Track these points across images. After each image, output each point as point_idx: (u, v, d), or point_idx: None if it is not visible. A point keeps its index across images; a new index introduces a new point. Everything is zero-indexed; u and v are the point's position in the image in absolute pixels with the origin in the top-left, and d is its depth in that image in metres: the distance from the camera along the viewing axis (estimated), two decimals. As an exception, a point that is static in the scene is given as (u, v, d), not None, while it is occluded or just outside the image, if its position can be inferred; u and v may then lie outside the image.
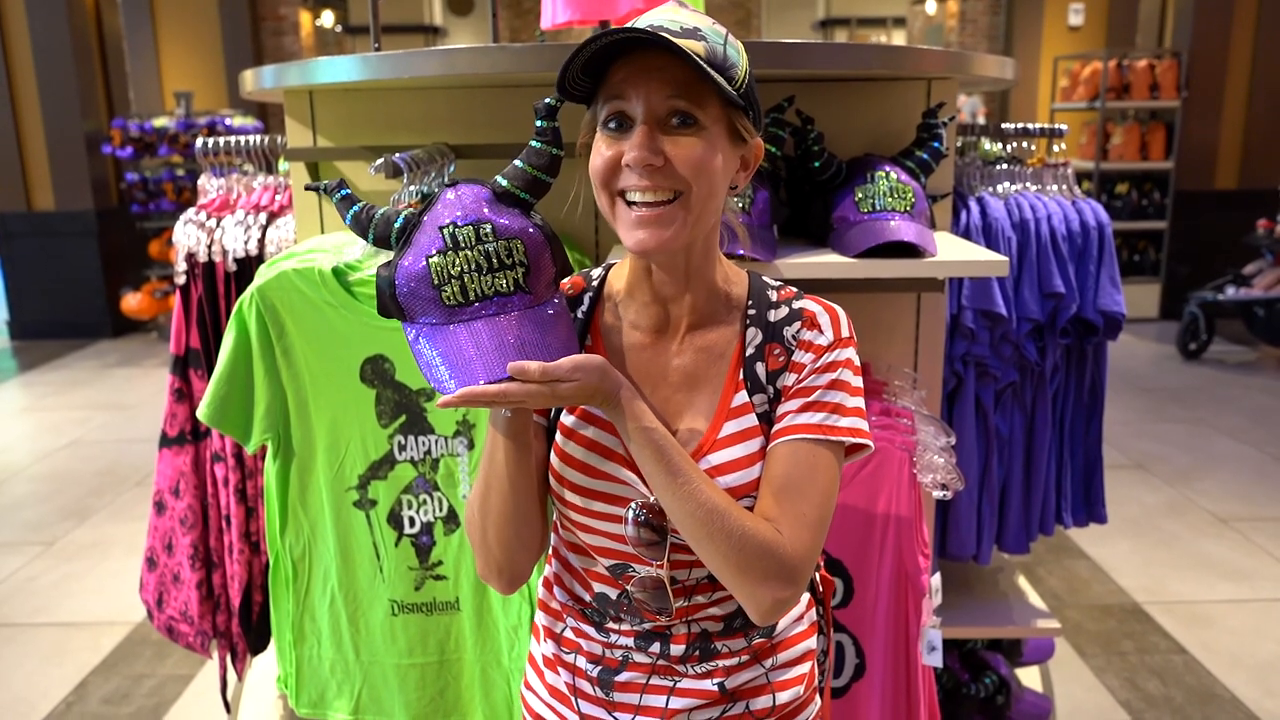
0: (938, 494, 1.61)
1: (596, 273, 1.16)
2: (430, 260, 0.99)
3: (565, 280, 1.13)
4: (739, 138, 1.04)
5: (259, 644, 2.24)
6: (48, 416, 5.58)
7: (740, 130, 1.03)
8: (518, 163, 1.04)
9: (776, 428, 1.06)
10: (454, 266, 0.99)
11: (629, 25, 0.97)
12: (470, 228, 1.00)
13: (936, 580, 1.77)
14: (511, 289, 0.99)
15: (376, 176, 1.60)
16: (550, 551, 1.20)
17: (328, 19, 11.40)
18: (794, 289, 1.14)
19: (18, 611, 3.30)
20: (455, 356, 0.97)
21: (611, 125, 1.00)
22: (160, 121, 6.94)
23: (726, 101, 1.01)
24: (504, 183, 1.03)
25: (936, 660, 1.62)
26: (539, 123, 1.03)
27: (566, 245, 1.75)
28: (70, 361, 6.82)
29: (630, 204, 1.00)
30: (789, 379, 1.07)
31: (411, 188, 1.64)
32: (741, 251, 1.57)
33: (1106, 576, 3.50)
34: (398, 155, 1.60)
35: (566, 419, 1.10)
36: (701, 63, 0.95)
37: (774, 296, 1.11)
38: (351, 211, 1.06)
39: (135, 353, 7.02)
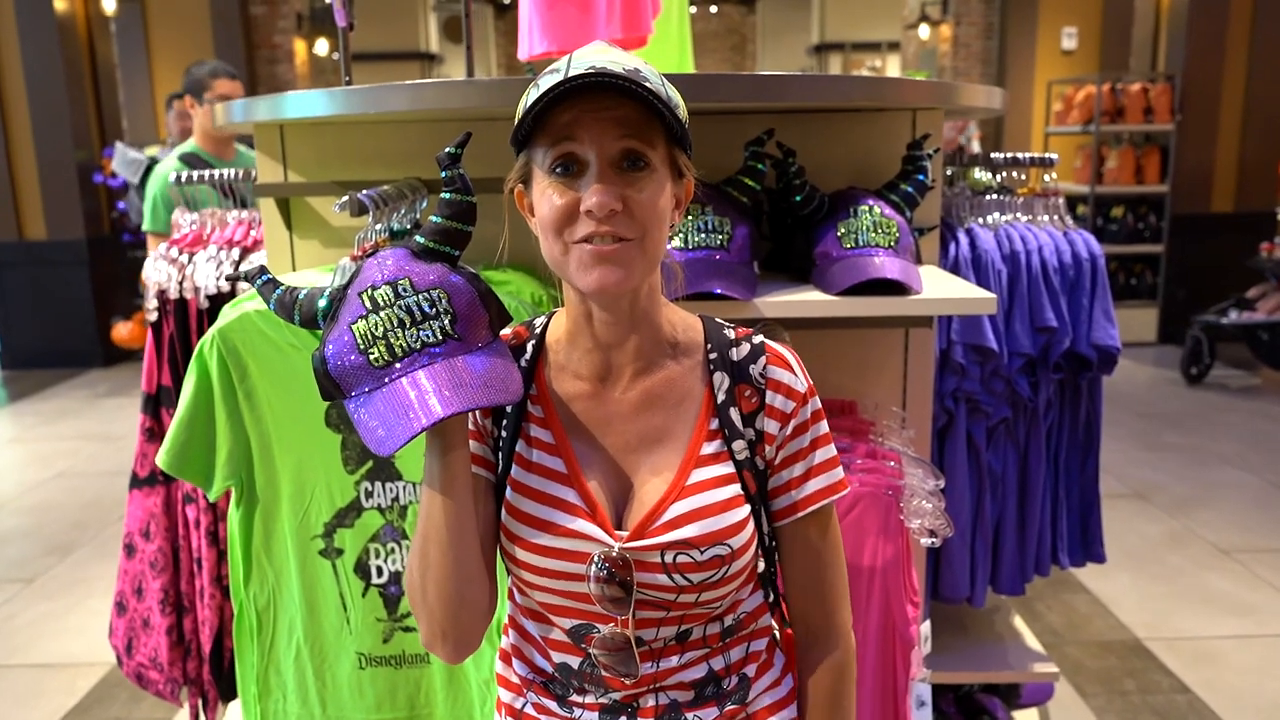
0: (926, 541, 1.55)
1: (539, 321, 1.11)
2: (353, 327, 0.95)
3: (507, 330, 1.07)
4: (678, 175, 1.02)
5: (230, 692, 2.17)
6: (36, 448, 5.52)
7: (681, 167, 1.01)
8: (433, 217, 0.99)
9: (786, 501, 1.07)
10: (377, 328, 0.94)
11: (578, 69, 0.93)
12: (388, 287, 0.95)
13: (926, 628, 1.71)
14: (440, 338, 0.95)
15: (353, 214, 1.55)
16: (506, 621, 1.14)
17: (322, 47, 11.41)
18: (748, 327, 1.10)
19: (-7, 652, 3.22)
20: (395, 407, 0.92)
21: (559, 169, 0.96)
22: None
23: (671, 140, 0.99)
24: (422, 240, 0.99)
25: (926, 716, 1.55)
26: (444, 173, 0.98)
27: (531, 276, 1.70)
28: (61, 391, 6.76)
29: (584, 243, 0.96)
30: (770, 425, 1.05)
31: (379, 225, 1.59)
32: (719, 290, 1.53)
33: (1106, 611, 3.42)
34: (364, 192, 1.55)
35: (516, 473, 1.05)
36: (660, 104, 0.93)
37: (731, 335, 1.09)
38: (275, 296, 1.02)
39: (126, 382, 6.96)
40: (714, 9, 14.98)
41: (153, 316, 2.19)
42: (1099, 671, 3.03)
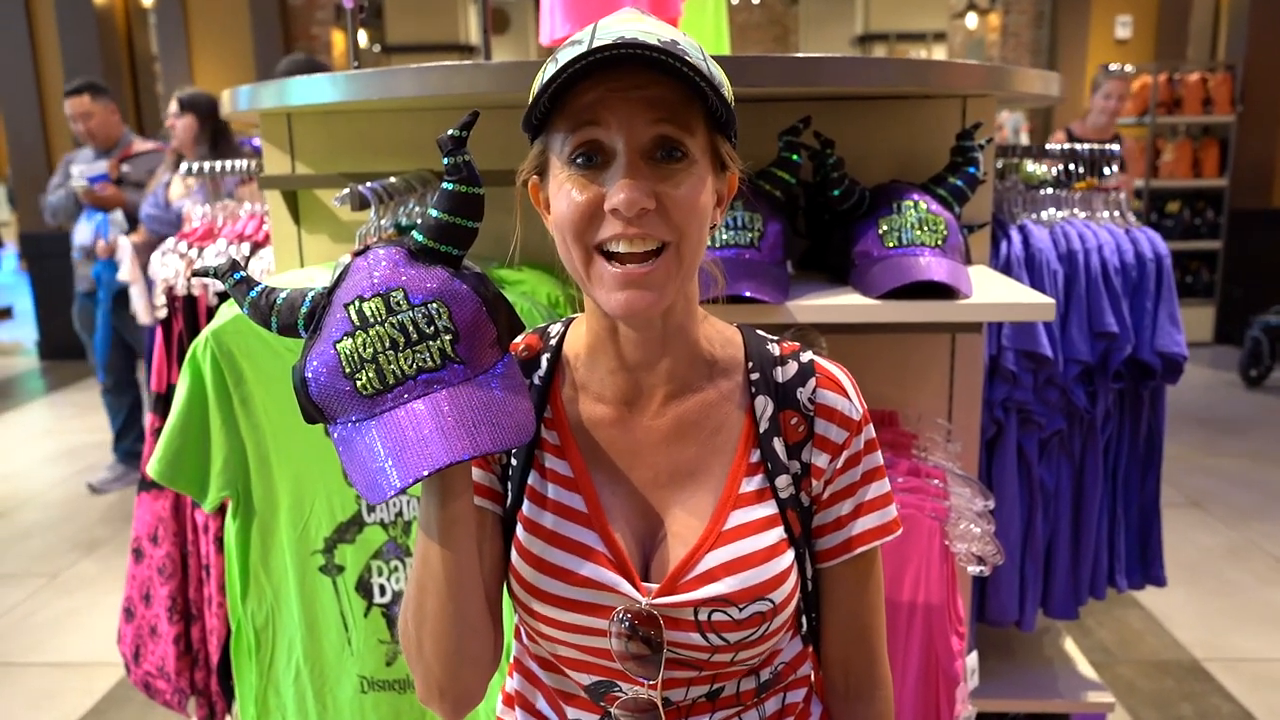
0: (973, 569, 1.41)
1: (555, 329, 0.98)
2: (339, 346, 0.81)
3: (518, 339, 0.95)
4: (721, 167, 0.87)
5: (238, 705, 2.09)
6: (68, 440, 5.53)
7: (724, 159, 0.87)
8: (432, 211, 0.85)
9: (832, 541, 0.94)
10: (365, 348, 0.81)
11: (604, 39, 0.78)
12: (378, 299, 0.81)
13: (973, 660, 1.58)
14: (439, 362, 0.81)
15: (353, 208, 1.44)
16: (511, 663, 1.02)
17: (361, 38, 11.40)
18: (795, 342, 0.96)
19: (12, 649, 3.18)
20: (387, 446, 0.79)
21: (580, 160, 0.82)
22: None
23: (713, 126, 0.84)
24: (420, 238, 0.85)
25: (971, 759, 1.42)
26: (446, 160, 0.84)
27: (548, 275, 1.58)
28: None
29: (611, 257, 0.82)
30: (819, 458, 0.91)
31: (383, 221, 1.49)
32: (748, 293, 1.40)
33: (1161, 628, 3.25)
34: (366, 185, 1.45)
35: (529, 510, 0.92)
36: (703, 81, 0.79)
37: (775, 351, 0.95)
38: (249, 299, 0.88)
39: (161, 374, 6.97)
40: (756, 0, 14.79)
41: (162, 313, 2.11)
42: (1154, 694, 2.87)
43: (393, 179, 1.53)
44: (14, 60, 7.08)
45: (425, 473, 0.76)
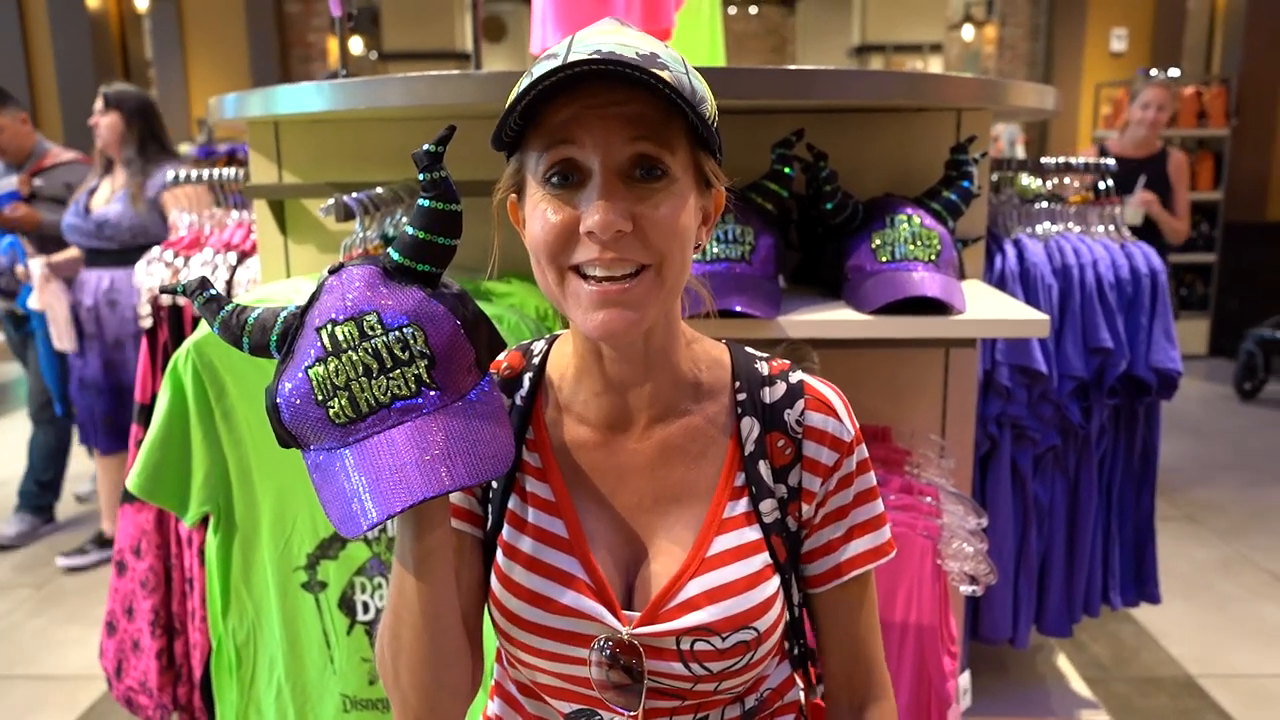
0: (966, 589, 1.39)
1: (538, 347, 0.95)
2: (311, 371, 0.78)
3: (500, 358, 0.92)
4: (705, 185, 0.84)
5: (221, 721, 2.06)
6: (58, 447, 5.47)
7: (708, 176, 0.84)
8: (407, 228, 0.82)
9: (823, 566, 0.92)
10: (338, 375, 0.77)
11: (580, 53, 0.75)
12: (351, 323, 0.78)
13: (965, 680, 1.55)
14: (414, 389, 0.78)
15: (338, 219, 1.42)
16: (492, 685, 1.00)
17: (356, 45, 11.38)
18: (785, 361, 0.94)
19: (-4, 662, 3.15)
20: (363, 475, 0.76)
21: (555, 179, 0.79)
22: (182, 148, 6.86)
23: (695, 143, 0.81)
24: (396, 256, 0.81)
25: (964, 784, 1.40)
26: (422, 176, 0.81)
27: (536, 287, 1.56)
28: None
29: (587, 276, 0.79)
30: (809, 481, 0.89)
31: (369, 232, 1.47)
32: (739, 307, 1.38)
33: (1156, 644, 3.22)
34: (352, 195, 1.43)
35: (509, 534, 0.89)
36: (681, 99, 0.75)
37: (764, 370, 0.92)
38: (219, 317, 0.84)
39: (153, 381, 6.92)
40: (754, 10, 14.82)
41: (147, 323, 2.09)
42: (1148, 711, 2.84)
43: (379, 189, 1.51)
44: (7, 65, 7.06)
45: (400, 508, 0.73)
